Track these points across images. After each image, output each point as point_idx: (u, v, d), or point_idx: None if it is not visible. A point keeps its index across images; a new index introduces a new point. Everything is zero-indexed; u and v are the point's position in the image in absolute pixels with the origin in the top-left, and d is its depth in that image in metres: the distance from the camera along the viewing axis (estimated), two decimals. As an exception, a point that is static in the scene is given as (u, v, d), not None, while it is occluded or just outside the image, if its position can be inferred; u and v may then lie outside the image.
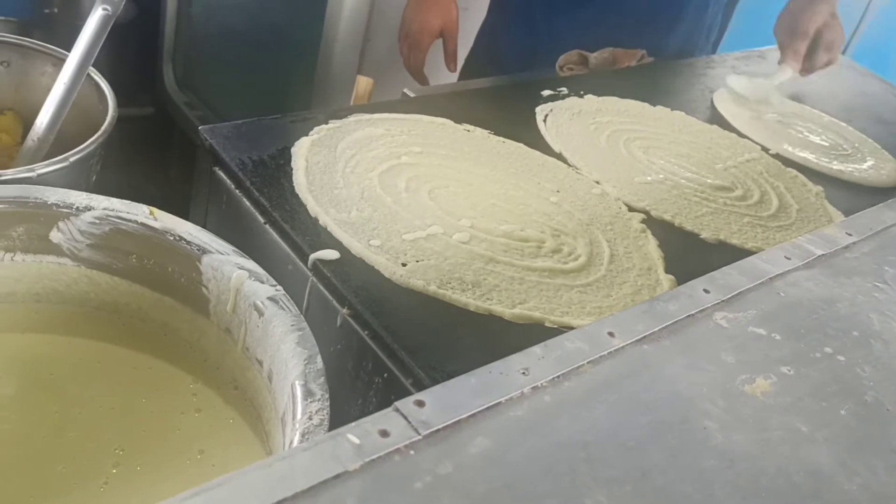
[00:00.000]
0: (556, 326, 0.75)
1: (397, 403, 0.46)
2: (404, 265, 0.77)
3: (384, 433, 0.44)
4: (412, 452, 0.44)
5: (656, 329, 0.58)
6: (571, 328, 0.75)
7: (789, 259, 0.69)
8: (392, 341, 0.69)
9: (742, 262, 0.68)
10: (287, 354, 0.64)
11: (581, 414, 0.50)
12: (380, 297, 0.73)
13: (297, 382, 0.62)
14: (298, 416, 0.60)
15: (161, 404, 0.72)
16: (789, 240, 0.73)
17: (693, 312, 0.60)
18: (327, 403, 0.61)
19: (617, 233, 0.91)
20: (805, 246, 0.71)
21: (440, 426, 0.46)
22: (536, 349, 0.54)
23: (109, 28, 0.88)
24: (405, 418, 0.46)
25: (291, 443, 0.59)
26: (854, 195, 1.13)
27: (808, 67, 1.34)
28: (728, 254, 0.92)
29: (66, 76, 0.86)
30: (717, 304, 0.62)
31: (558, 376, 0.52)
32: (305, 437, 0.58)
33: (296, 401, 0.61)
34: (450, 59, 1.46)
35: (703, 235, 0.95)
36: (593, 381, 0.52)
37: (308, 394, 0.61)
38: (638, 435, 0.49)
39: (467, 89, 1.22)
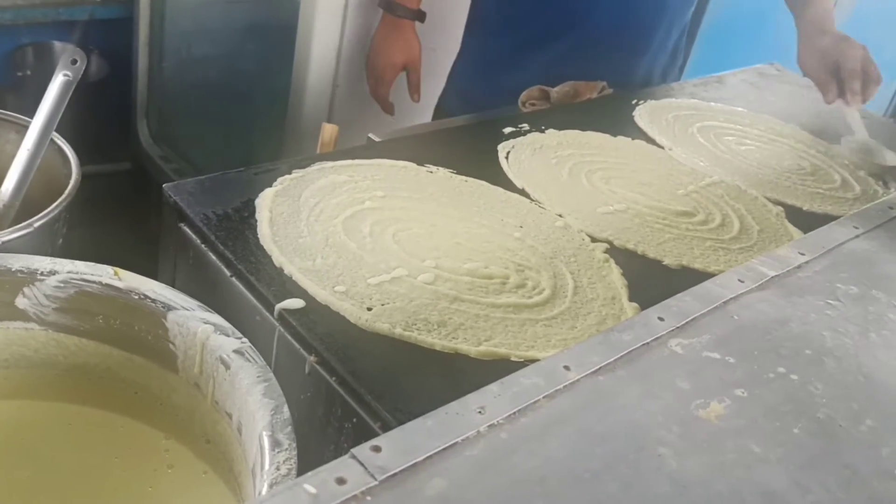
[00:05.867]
0: (522, 361, 0.76)
1: (353, 450, 0.47)
2: (370, 309, 0.78)
3: (341, 481, 0.45)
4: (369, 498, 0.45)
5: (611, 360, 0.59)
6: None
7: (742, 282, 0.71)
8: (358, 386, 0.70)
9: (696, 287, 0.69)
10: (254, 406, 0.65)
11: (537, 449, 0.51)
12: (346, 343, 0.74)
13: (264, 433, 0.62)
14: (266, 466, 0.60)
15: (133, 463, 0.72)
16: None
17: (648, 341, 0.62)
18: (294, 453, 0.61)
19: (580, 264, 0.92)
20: (758, 268, 0.73)
21: (397, 470, 0.47)
22: (493, 387, 0.55)
23: (71, 93, 0.90)
24: (361, 464, 0.46)
25: (260, 493, 0.59)
26: (813, 215, 1.15)
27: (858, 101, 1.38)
28: (691, 278, 0.93)
29: (30, 143, 0.87)
30: (672, 331, 0.63)
31: (514, 413, 0.53)
32: (273, 487, 0.59)
33: (264, 451, 0.62)
34: (413, 90, 1.54)
35: (666, 262, 0.96)
36: (549, 415, 0.53)
37: (275, 444, 0.62)
38: (593, 466, 0.50)
39: (430, 131, 1.24)
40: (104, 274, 0.73)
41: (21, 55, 2.02)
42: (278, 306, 0.77)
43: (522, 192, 1.04)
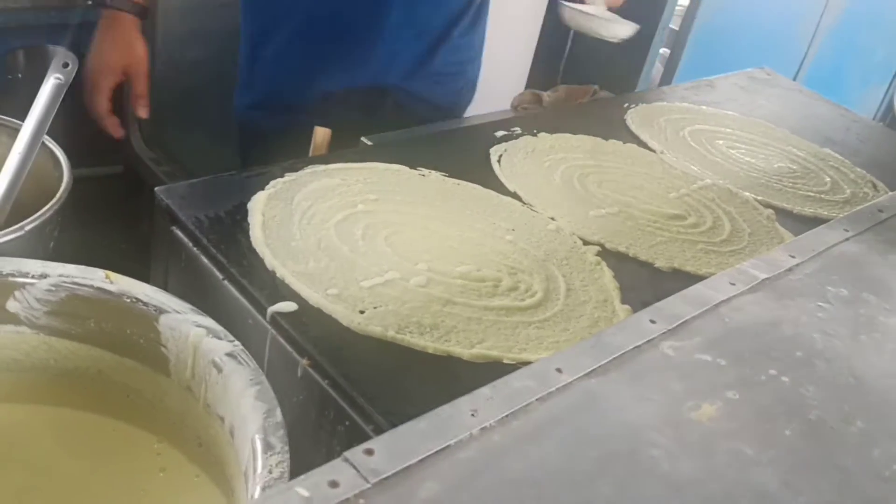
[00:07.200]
0: (514, 363, 0.77)
1: (346, 453, 0.47)
2: (362, 312, 0.78)
3: (333, 484, 0.45)
4: (362, 501, 0.45)
5: (603, 362, 0.59)
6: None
7: (734, 285, 0.71)
8: (351, 389, 0.70)
9: (687, 290, 0.69)
10: (246, 409, 0.65)
11: (530, 452, 0.51)
12: (338, 346, 0.74)
13: (256, 436, 0.62)
14: (259, 469, 0.60)
15: (125, 466, 0.72)
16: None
17: (640, 344, 0.62)
18: (287, 456, 0.61)
19: (573, 267, 0.92)
20: (749, 271, 0.73)
21: (390, 473, 0.47)
22: (485, 390, 0.55)
23: (62, 96, 0.90)
24: (354, 467, 0.46)
25: (252, 497, 0.59)
26: (804, 218, 1.16)
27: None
28: (682, 281, 0.93)
29: (21, 146, 0.87)
30: (664, 333, 0.63)
31: (507, 415, 0.53)
32: (266, 490, 0.59)
33: (256, 455, 0.61)
34: (137, 101, 1.29)
35: (658, 264, 0.97)
36: (542, 418, 0.53)
37: (268, 447, 0.62)
38: (586, 469, 0.50)
39: (423, 134, 1.24)
40: (96, 277, 0.72)
41: (13, 58, 2.01)
42: (271, 309, 0.77)
43: (515, 196, 1.05)
